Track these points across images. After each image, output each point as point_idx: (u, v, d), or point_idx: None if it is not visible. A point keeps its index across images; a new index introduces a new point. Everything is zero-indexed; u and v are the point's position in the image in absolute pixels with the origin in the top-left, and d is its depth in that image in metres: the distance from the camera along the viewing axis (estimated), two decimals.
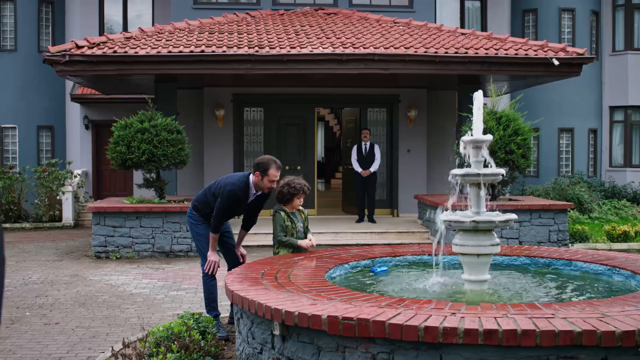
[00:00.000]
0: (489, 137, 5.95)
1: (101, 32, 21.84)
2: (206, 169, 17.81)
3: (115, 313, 8.75)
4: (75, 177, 20.23)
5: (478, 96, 6.14)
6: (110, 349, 6.32)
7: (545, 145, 23.35)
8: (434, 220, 14.46)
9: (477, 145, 5.96)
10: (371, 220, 16.26)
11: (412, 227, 15.70)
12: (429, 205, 15.04)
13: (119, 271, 11.86)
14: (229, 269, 7.52)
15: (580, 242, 14.66)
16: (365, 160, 16.41)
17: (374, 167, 16.40)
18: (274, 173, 6.82)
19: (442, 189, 18.43)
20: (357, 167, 16.42)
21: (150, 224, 13.31)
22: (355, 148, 16.67)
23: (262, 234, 13.26)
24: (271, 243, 12.58)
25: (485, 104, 14.42)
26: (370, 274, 6.65)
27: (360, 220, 16.35)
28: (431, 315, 4.42)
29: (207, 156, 17.83)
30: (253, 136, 18.10)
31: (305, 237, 7.18)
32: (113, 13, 22.46)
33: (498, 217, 5.92)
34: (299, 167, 17.37)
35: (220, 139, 17.83)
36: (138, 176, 17.95)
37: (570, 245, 14.22)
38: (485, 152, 5.91)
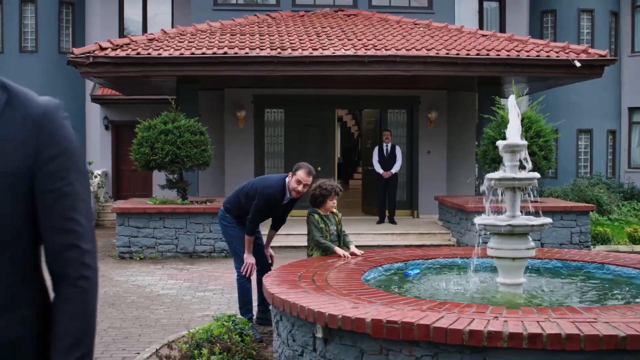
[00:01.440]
0: (525, 142, 5.99)
1: (121, 33, 21.97)
2: (227, 169, 17.89)
3: (145, 314, 8.83)
4: (96, 177, 20.34)
5: (513, 101, 6.18)
6: (155, 350, 6.41)
7: (563, 146, 23.31)
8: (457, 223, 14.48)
9: (513, 149, 6.00)
10: (392, 221, 16.30)
11: (432, 228, 15.73)
12: (450, 207, 15.06)
13: (144, 272, 11.95)
14: (259, 270, 7.60)
15: (601, 244, 14.64)
16: (387, 161, 16.44)
17: (395, 169, 16.44)
18: (302, 175, 6.89)
19: (462, 190, 18.45)
20: (378, 169, 16.46)
21: (173, 225, 13.38)
22: (376, 149, 16.71)
23: (281, 234, 13.27)
24: (296, 244, 12.77)
25: (504, 105, 14.46)
26: (405, 276, 6.70)
27: (381, 221, 16.38)
28: (474, 319, 4.47)
29: (227, 157, 17.91)
30: (274, 137, 18.17)
31: (339, 240, 7.24)
32: (132, 13, 22.60)
33: (534, 220, 5.96)
34: (319, 168, 17.37)
35: (241, 140, 17.91)
36: (158, 177, 18.03)
37: (592, 247, 14.20)
38: (524, 155, 5.94)
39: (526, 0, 23.96)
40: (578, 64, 14.85)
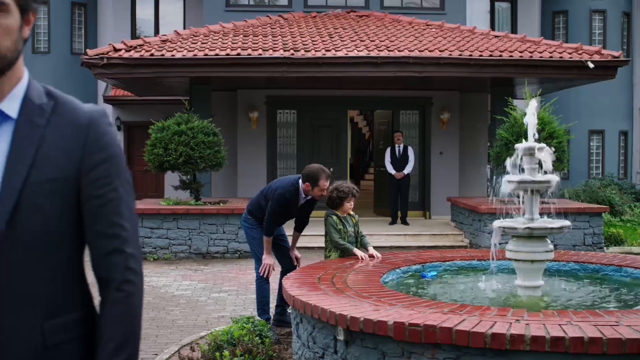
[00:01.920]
0: (544, 145, 6.00)
1: (133, 34, 22.07)
2: (239, 170, 17.93)
3: (161, 315, 8.87)
4: None
5: (532, 104, 6.19)
6: (175, 351, 6.44)
7: (575, 147, 23.23)
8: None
9: (531, 152, 6.01)
10: (404, 222, 16.31)
11: (445, 229, 15.73)
12: (463, 208, 15.06)
13: (158, 272, 11.99)
14: (283, 272, 7.65)
15: (615, 245, 14.61)
16: (399, 162, 16.46)
17: (407, 169, 16.44)
18: (324, 183, 6.99)
19: (474, 191, 18.44)
20: (390, 170, 16.47)
21: (187, 226, 13.42)
22: (388, 150, 16.73)
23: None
24: (309, 245, 12.77)
25: (516, 106, 14.46)
26: (422, 278, 6.71)
27: (393, 222, 16.40)
28: (496, 322, 4.48)
29: (240, 158, 17.94)
30: (286, 138, 18.21)
31: (356, 242, 7.26)
32: (144, 13, 22.68)
33: (553, 223, 5.97)
34: (331, 169, 17.33)
35: (254, 141, 17.94)
36: (170, 178, 18.10)
37: (605, 249, 14.18)
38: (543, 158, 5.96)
39: (538, 1, 23.93)
40: (591, 65, 14.82)
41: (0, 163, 1.86)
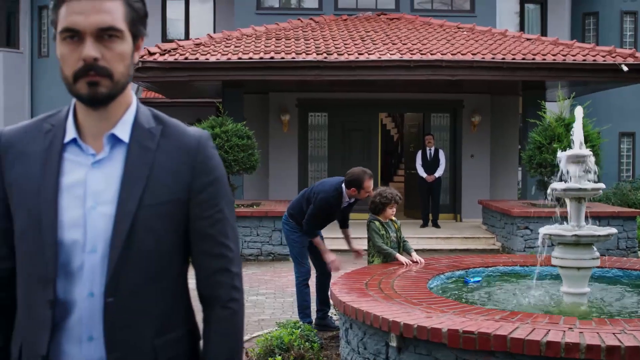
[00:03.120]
0: (590, 152, 6.03)
1: (164, 37, 22.23)
2: (271, 173, 18.01)
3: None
4: None
5: (579, 111, 6.22)
6: None
7: (605, 149, 23.04)
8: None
9: (578, 160, 6.03)
10: (435, 225, 16.33)
11: (476, 232, 15.73)
12: (495, 211, 15.05)
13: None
14: (318, 276, 7.72)
15: None
16: (430, 165, 16.48)
17: (438, 172, 16.47)
18: (368, 184, 7.11)
19: (505, 194, 18.41)
20: (421, 173, 16.50)
21: None
22: (419, 153, 16.75)
23: (327, 238, 13.33)
24: (342, 247, 12.81)
25: (546, 109, 14.42)
26: (465, 283, 6.76)
27: (424, 225, 16.41)
28: (550, 330, 4.52)
29: (272, 160, 18.02)
30: (317, 141, 18.28)
31: (399, 247, 7.32)
32: (175, 14, 22.86)
33: (600, 231, 6.00)
34: None
35: (285, 144, 18.02)
36: None
37: (639, 253, 14.10)
38: (590, 165, 5.99)
39: (568, 2, 23.81)
40: (625, 69, 14.76)
41: (114, 187, 1.93)
